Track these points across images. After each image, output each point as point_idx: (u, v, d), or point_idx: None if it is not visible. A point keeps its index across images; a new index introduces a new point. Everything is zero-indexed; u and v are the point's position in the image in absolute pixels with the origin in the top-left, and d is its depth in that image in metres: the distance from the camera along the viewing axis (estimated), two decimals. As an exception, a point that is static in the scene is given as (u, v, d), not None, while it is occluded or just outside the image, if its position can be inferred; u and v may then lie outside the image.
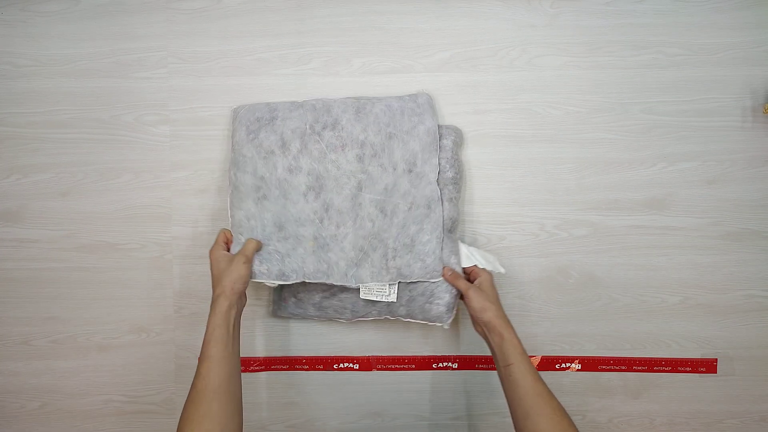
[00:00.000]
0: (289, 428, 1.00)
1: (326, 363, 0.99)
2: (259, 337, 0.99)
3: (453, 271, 0.89)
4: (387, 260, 0.92)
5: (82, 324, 1.00)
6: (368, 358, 0.99)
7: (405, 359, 0.99)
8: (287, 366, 0.99)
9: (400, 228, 0.92)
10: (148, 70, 0.98)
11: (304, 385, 0.99)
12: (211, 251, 0.87)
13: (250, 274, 0.86)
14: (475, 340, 0.98)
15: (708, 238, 0.97)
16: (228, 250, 0.89)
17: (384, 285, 0.92)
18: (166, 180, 0.98)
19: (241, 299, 0.85)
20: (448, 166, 0.93)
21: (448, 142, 0.94)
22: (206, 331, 0.78)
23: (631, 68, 0.97)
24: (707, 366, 0.98)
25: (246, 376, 0.99)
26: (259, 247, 0.89)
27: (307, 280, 0.91)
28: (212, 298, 0.82)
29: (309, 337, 0.99)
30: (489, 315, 0.82)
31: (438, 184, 0.92)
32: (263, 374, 0.99)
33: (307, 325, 0.99)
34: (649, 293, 0.97)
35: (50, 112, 0.98)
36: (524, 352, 0.79)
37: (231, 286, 0.81)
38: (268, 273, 0.89)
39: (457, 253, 0.92)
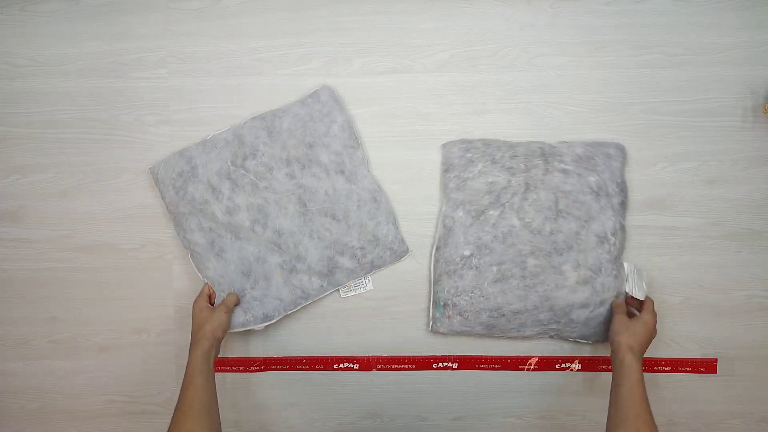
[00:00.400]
0: (289, 428, 1.00)
1: (326, 363, 0.99)
2: (260, 337, 0.99)
3: (620, 302, 0.92)
4: (358, 259, 0.94)
5: (82, 324, 1.00)
6: (368, 358, 0.99)
7: (405, 359, 0.99)
8: (287, 366, 0.99)
9: (359, 228, 0.94)
10: (147, 70, 0.98)
11: (304, 385, 0.99)
12: (195, 302, 0.92)
13: (229, 324, 0.91)
14: (476, 340, 0.98)
15: (708, 238, 0.97)
16: (211, 303, 0.94)
17: (360, 278, 0.96)
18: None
19: (218, 345, 0.88)
20: (618, 189, 0.93)
21: (617, 164, 0.93)
22: (188, 367, 0.83)
23: (631, 68, 0.97)
24: (707, 366, 0.98)
25: (246, 376, 0.99)
26: (238, 300, 0.94)
27: (289, 311, 0.95)
28: (192, 342, 0.86)
29: (309, 338, 0.99)
30: (620, 338, 0.85)
31: (613, 212, 0.92)
32: (263, 374, 0.99)
33: (307, 326, 0.99)
34: (650, 293, 0.97)
35: (49, 112, 0.98)
36: (641, 380, 0.80)
37: (212, 331, 0.87)
38: (254, 319, 0.94)
39: (622, 277, 0.93)
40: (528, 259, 0.92)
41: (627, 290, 0.94)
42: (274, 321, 0.94)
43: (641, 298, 0.92)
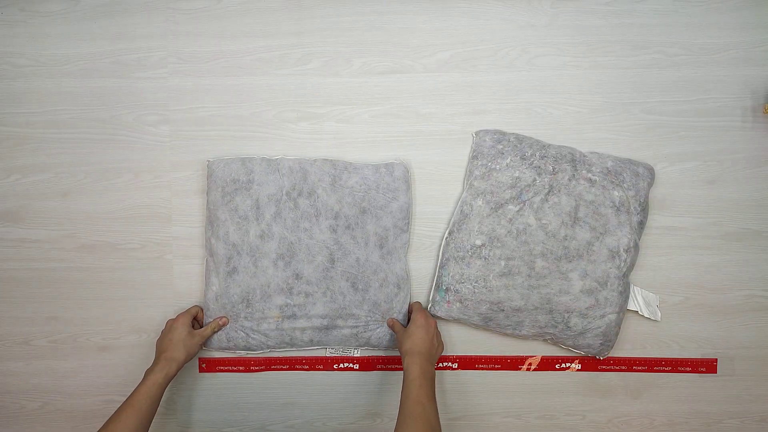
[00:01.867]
0: (289, 428, 1.00)
1: (326, 363, 0.99)
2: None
3: (393, 320, 0.95)
4: (357, 331, 0.95)
5: (82, 324, 1.00)
6: (368, 358, 0.99)
7: (405, 359, 0.99)
8: (287, 366, 0.99)
9: (372, 305, 0.95)
10: (148, 70, 0.98)
11: (304, 385, 0.99)
12: (179, 316, 0.93)
13: (197, 353, 0.93)
14: (475, 340, 0.98)
15: (708, 238, 0.97)
16: (195, 323, 0.96)
17: (350, 348, 0.98)
18: (166, 180, 0.98)
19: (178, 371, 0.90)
20: (639, 208, 0.93)
21: (644, 184, 0.93)
22: (146, 382, 0.84)
23: (631, 68, 0.97)
24: (707, 366, 0.98)
25: (246, 376, 0.99)
26: (220, 328, 0.95)
27: (269, 353, 0.97)
28: (165, 355, 0.88)
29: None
30: (402, 349, 0.88)
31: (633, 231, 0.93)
32: (263, 374, 0.99)
33: (307, 325, 0.99)
34: (649, 293, 0.97)
35: (50, 112, 0.98)
36: (416, 379, 0.82)
37: (185, 358, 0.89)
38: (235, 347, 0.96)
39: (627, 295, 0.94)
40: (537, 259, 0.92)
41: (638, 311, 0.95)
42: (253, 354, 0.97)
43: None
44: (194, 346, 0.91)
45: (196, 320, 0.96)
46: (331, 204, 0.94)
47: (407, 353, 0.86)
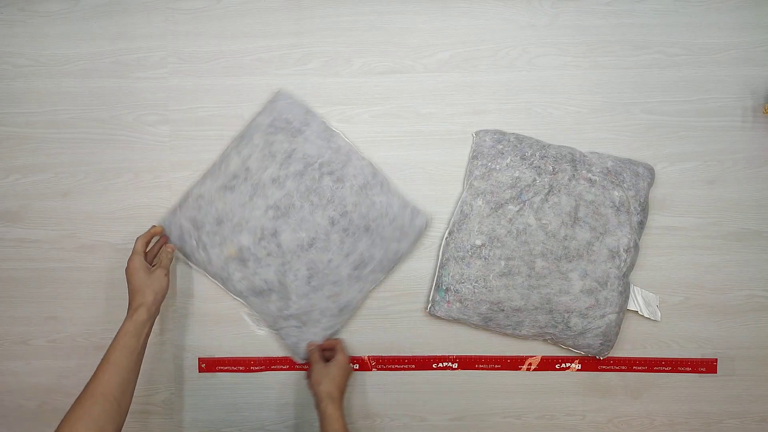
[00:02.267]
0: (288, 428, 1.00)
1: (326, 363, 0.99)
2: (260, 337, 0.99)
3: (314, 347, 0.95)
4: (280, 316, 0.95)
5: (82, 324, 1.00)
6: (369, 358, 0.99)
7: (405, 359, 0.99)
8: (287, 366, 0.99)
9: (308, 306, 0.94)
10: (148, 70, 0.98)
11: (304, 385, 0.99)
12: (130, 260, 0.88)
13: (168, 287, 0.89)
14: (475, 340, 0.98)
15: (708, 238, 0.97)
16: (147, 260, 0.90)
17: (262, 324, 0.98)
18: (166, 180, 0.98)
19: (157, 311, 0.87)
20: (639, 208, 0.93)
21: (644, 184, 0.93)
22: (117, 335, 0.81)
23: (631, 68, 0.97)
24: (707, 366, 0.98)
25: (246, 376, 0.99)
26: (172, 253, 0.93)
27: (206, 277, 0.96)
28: (131, 305, 0.85)
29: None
30: (320, 389, 0.88)
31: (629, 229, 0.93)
32: (263, 374, 0.99)
33: (307, 325, 0.99)
34: (649, 293, 0.97)
35: (50, 112, 0.98)
36: (342, 427, 0.84)
37: (153, 297, 0.85)
38: (180, 249, 0.95)
39: (627, 295, 0.94)
40: (537, 259, 0.92)
41: (638, 311, 0.95)
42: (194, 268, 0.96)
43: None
44: (157, 280, 0.86)
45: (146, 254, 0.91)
46: (347, 201, 0.92)
47: (327, 396, 0.86)
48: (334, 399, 0.86)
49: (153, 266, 0.90)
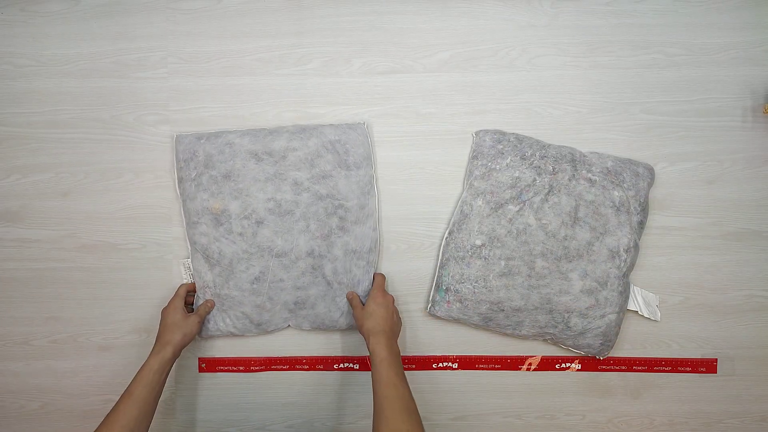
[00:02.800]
0: (289, 428, 1.00)
1: (326, 363, 0.99)
2: (259, 336, 0.99)
3: (353, 294, 0.95)
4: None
5: (82, 324, 1.00)
6: (368, 358, 0.99)
7: (405, 359, 0.99)
8: (287, 366, 0.99)
9: (248, 301, 0.95)
10: (148, 70, 0.98)
11: (304, 385, 0.99)
12: (171, 301, 0.93)
13: (197, 334, 0.93)
14: (475, 340, 0.98)
15: (708, 238, 0.97)
16: (187, 302, 0.95)
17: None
18: (166, 180, 0.98)
19: (179, 353, 0.90)
20: (639, 208, 0.93)
21: (644, 184, 0.93)
22: (141, 370, 0.84)
23: (631, 68, 0.97)
24: (707, 366, 0.98)
25: (246, 376, 0.99)
26: (210, 310, 0.96)
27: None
28: (159, 341, 0.87)
29: (309, 337, 0.99)
30: (363, 330, 0.88)
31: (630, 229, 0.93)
32: (263, 374, 0.99)
33: (307, 325, 0.99)
34: (649, 293, 0.97)
35: (50, 112, 0.98)
36: (386, 358, 0.82)
37: (181, 338, 0.88)
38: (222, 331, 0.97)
39: (627, 295, 0.94)
40: (537, 259, 0.92)
41: (638, 311, 0.96)
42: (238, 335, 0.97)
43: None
44: (189, 326, 0.90)
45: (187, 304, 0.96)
46: (333, 251, 0.94)
47: (371, 333, 0.85)
48: (376, 333, 0.85)
49: (189, 314, 0.93)
